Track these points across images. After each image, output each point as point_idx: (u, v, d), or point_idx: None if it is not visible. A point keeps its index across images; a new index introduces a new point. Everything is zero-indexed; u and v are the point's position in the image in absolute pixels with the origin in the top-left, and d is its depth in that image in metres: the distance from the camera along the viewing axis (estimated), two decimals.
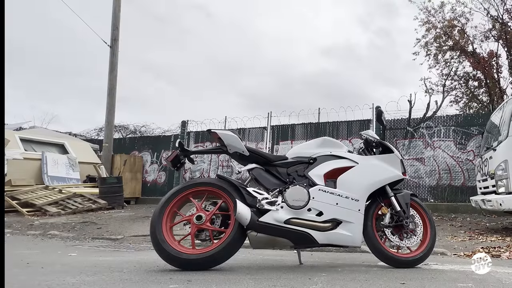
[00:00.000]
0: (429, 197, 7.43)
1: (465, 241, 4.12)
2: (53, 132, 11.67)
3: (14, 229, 5.09)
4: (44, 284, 1.70)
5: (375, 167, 2.44)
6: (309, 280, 1.90)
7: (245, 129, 9.25)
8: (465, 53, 13.10)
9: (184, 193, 2.24)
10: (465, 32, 12.98)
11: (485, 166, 5.18)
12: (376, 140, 2.56)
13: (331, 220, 2.23)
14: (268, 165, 2.41)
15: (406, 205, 2.40)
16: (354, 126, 8.28)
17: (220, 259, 2.14)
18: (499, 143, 4.76)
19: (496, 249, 3.47)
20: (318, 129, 8.63)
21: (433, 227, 2.47)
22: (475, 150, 7.18)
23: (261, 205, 2.19)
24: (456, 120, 7.67)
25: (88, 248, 3.54)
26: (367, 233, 2.33)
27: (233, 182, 2.28)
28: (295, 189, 2.23)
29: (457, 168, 7.33)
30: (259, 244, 2.20)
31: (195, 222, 2.14)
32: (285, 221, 2.16)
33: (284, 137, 8.92)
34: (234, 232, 2.14)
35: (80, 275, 1.95)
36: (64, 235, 4.64)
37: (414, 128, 7.81)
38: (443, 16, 13.12)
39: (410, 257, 2.37)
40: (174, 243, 2.14)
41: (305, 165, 2.42)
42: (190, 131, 9.88)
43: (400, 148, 7.74)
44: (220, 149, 2.40)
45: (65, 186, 7.89)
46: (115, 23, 9.27)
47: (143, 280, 1.84)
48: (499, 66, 12.88)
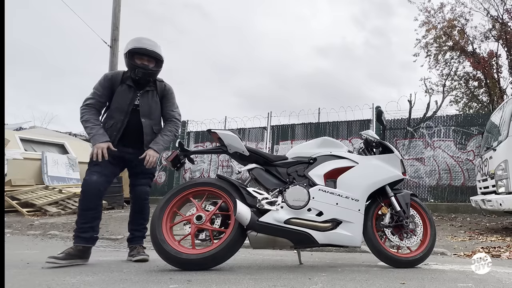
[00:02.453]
0: (429, 197, 7.43)
1: (465, 241, 4.12)
2: (53, 132, 11.68)
3: (14, 229, 5.09)
4: (44, 284, 1.70)
5: (375, 167, 2.44)
6: (309, 280, 1.90)
7: (245, 129, 9.25)
8: (465, 53, 13.11)
9: (184, 193, 2.24)
10: (465, 32, 12.99)
11: (485, 166, 5.18)
12: (376, 140, 2.56)
13: (331, 220, 2.23)
14: (268, 165, 2.41)
15: (406, 205, 2.40)
16: (354, 126, 8.29)
17: (220, 259, 2.14)
18: (499, 143, 4.76)
19: (496, 249, 3.47)
20: (318, 129, 8.63)
21: (433, 227, 2.47)
22: (475, 150, 7.18)
23: (261, 205, 2.19)
24: (456, 120, 7.67)
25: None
26: (367, 233, 2.33)
27: (233, 182, 2.28)
28: (295, 189, 2.23)
29: (457, 168, 7.33)
30: (259, 244, 2.19)
31: (195, 222, 2.14)
32: (285, 221, 2.16)
33: (284, 137, 8.92)
34: (234, 232, 2.14)
35: (80, 275, 1.95)
36: (64, 235, 4.63)
37: (414, 128, 7.81)
38: (443, 17, 13.15)
39: (410, 257, 2.36)
40: (174, 243, 2.14)
41: (305, 165, 2.42)
42: (190, 131, 9.88)
43: (400, 148, 7.74)
44: (220, 149, 2.40)
45: (65, 186, 7.89)
46: (115, 23, 9.27)
47: (143, 280, 1.84)
48: (499, 66, 12.90)
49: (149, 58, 2.53)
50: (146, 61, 2.53)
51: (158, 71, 2.63)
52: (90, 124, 2.42)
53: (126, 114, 2.49)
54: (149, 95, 2.59)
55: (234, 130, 8.24)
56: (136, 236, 2.66)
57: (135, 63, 2.49)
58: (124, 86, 2.53)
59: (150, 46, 2.50)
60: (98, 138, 2.38)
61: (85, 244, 2.35)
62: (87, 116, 2.44)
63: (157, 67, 2.59)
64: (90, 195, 2.35)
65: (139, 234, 2.67)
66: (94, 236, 2.41)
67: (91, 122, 2.43)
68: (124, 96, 2.51)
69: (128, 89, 2.53)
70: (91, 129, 2.41)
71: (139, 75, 2.50)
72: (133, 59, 2.50)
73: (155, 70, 2.58)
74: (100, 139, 2.38)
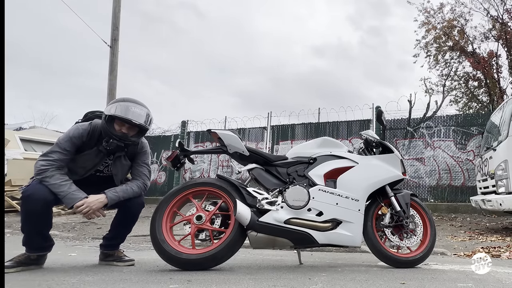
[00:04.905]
0: (429, 197, 7.43)
1: (465, 241, 4.12)
2: (53, 132, 11.69)
3: (14, 229, 5.08)
4: (44, 284, 1.70)
5: (375, 167, 2.44)
6: (309, 280, 1.90)
7: (245, 129, 9.25)
8: (465, 53, 13.12)
9: (184, 193, 2.24)
10: (465, 33, 12.99)
11: (485, 166, 5.18)
12: (376, 140, 2.57)
13: (331, 220, 2.23)
14: (268, 165, 2.41)
15: (406, 205, 2.40)
16: (354, 126, 8.28)
17: (220, 259, 2.14)
18: (499, 143, 4.76)
19: (496, 249, 3.47)
20: (318, 129, 8.63)
21: (433, 227, 2.47)
22: (475, 150, 7.18)
23: (261, 205, 2.19)
24: (456, 120, 7.66)
25: (88, 248, 3.54)
26: (367, 233, 2.32)
27: (233, 182, 2.28)
28: (295, 189, 2.23)
29: (457, 168, 7.33)
30: (259, 244, 2.19)
31: (195, 222, 2.14)
32: (285, 221, 2.16)
33: (284, 137, 8.92)
34: (234, 232, 2.14)
35: (80, 275, 1.95)
36: (64, 235, 4.63)
37: (414, 128, 7.81)
38: (443, 17, 13.16)
39: (410, 257, 2.36)
40: (174, 243, 2.14)
41: (305, 165, 2.42)
42: (190, 131, 9.88)
43: (400, 148, 7.74)
44: (220, 149, 2.40)
45: None
46: (115, 23, 9.27)
47: (143, 280, 1.84)
48: (499, 66, 12.91)
49: (132, 126, 2.17)
50: (127, 129, 2.17)
51: (137, 141, 2.28)
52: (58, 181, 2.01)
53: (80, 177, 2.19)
54: (121, 160, 2.28)
55: (234, 130, 8.24)
56: (115, 243, 2.44)
57: (112, 131, 2.13)
58: (93, 150, 2.18)
59: (136, 118, 2.14)
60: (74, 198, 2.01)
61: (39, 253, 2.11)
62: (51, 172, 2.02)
63: (138, 136, 2.25)
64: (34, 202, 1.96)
65: (119, 241, 2.46)
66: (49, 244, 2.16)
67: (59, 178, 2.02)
68: (88, 161, 2.18)
69: (96, 155, 2.18)
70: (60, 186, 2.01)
71: (112, 146, 2.14)
72: (111, 125, 2.14)
73: (134, 140, 2.22)
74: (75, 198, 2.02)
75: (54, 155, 2.08)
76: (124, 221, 2.37)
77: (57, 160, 2.07)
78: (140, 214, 2.38)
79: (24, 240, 2.07)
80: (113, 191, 2.16)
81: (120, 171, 2.28)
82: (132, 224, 2.40)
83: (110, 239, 2.42)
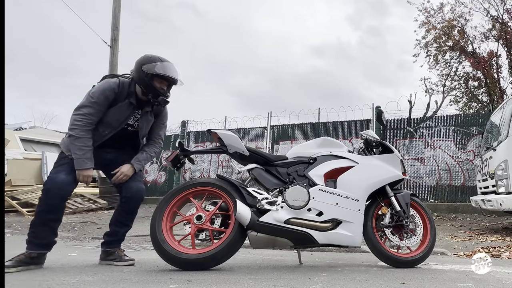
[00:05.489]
0: (429, 197, 7.43)
1: (465, 241, 4.12)
2: (53, 132, 11.69)
3: (14, 229, 5.09)
4: (44, 284, 1.70)
5: (375, 167, 2.44)
6: (309, 280, 1.90)
7: (245, 129, 9.25)
8: (465, 53, 13.12)
9: (184, 193, 2.24)
10: (465, 32, 13.00)
11: (485, 166, 5.18)
12: (376, 140, 2.57)
13: (331, 220, 2.23)
14: (268, 165, 2.41)
15: (406, 205, 2.40)
16: (354, 126, 8.28)
17: (220, 259, 2.14)
18: (499, 143, 4.76)
19: (496, 249, 3.47)
20: (318, 129, 8.63)
21: (433, 227, 2.47)
22: (475, 150, 7.18)
23: (261, 205, 2.19)
24: (456, 120, 7.66)
25: (88, 248, 3.54)
26: (367, 233, 2.33)
27: (233, 182, 2.28)
28: (295, 189, 2.23)
29: (457, 168, 7.33)
30: (259, 244, 2.19)
31: (195, 222, 2.14)
32: (285, 221, 2.17)
33: (284, 137, 8.91)
34: (234, 232, 2.14)
35: (80, 275, 1.95)
36: (64, 235, 4.63)
37: (414, 128, 7.81)
38: (443, 17, 13.16)
39: (410, 257, 2.36)
40: (174, 243, 2.14)
41: (305, 165, 2.42)
42: (190, 131, 9.88)
43: (400, 148, 7.73)
44: (220, 149, 2.40)
45: None
46: (115, 23, 9.27)
47: (143, 280, 1.84)
48: (499, 66, 12.91)
49: (169, 82, 2.37)
50: (165, 85, 2.36)
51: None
52: (80, 144, 2.15)
53: (114, 129, 2.32)
54: (148, 116, 2.43)
55: (234, 130, 8.24)
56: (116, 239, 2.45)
57: (155, 87, 2.30)
58: (126, 103, 2.31)
59: (175, 74, 2.34)
60: (83, 164, 2.15)
61: (41, 250, 2.13)
62: (80, 132, 2.15)
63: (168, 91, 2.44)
64: (53, 194, 2.09)
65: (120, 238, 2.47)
66: (53, 240, 2.21)
67: (82, 142, 2.16)
68: (121, 113, 2.31)
69: (127, 107, 2.32)
70: (79, 149, 2.15)
71: (161, 103, 2.36)
72: (152, 81, 2.29)
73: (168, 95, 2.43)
74: (84, 165, 2.16)
75: (86, 109, 2.20)
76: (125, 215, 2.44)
77: (87, 114, 2.19)
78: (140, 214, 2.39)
79: (30, 235, 2.11)
80: (137, 160, 2.40)
81: (145, 126, 2.45)
82: (132, 216, 2.46)
83: (111, 235, 2.46)
